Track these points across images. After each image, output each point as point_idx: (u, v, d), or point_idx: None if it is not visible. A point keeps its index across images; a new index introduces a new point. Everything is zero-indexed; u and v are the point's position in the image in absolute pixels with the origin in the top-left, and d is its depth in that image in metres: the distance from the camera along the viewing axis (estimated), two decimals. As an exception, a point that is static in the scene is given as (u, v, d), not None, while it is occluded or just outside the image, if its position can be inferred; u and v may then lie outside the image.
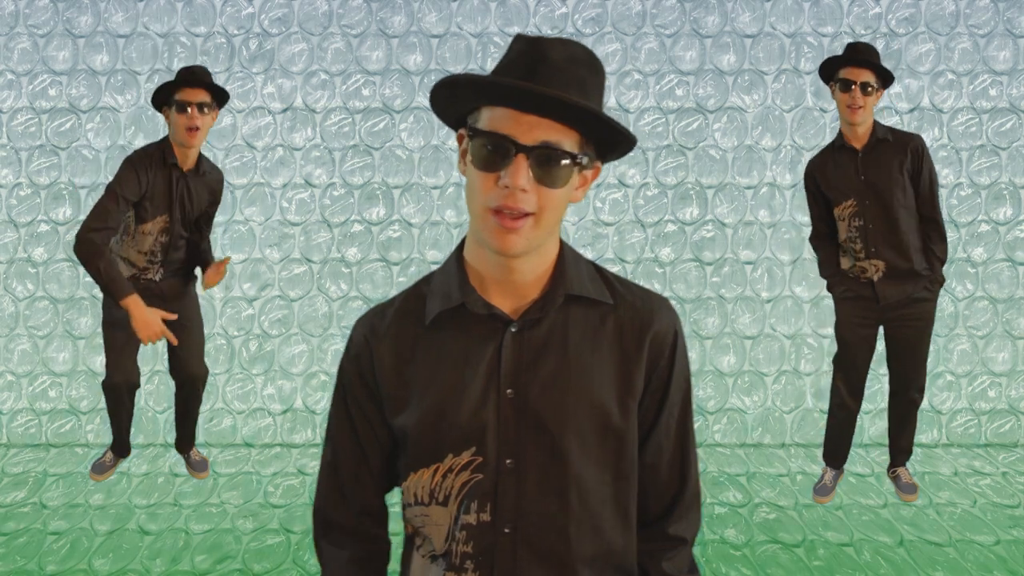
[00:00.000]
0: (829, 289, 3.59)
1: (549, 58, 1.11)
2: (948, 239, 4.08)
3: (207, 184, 3.56)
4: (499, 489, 1.17)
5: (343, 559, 1.28)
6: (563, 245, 1.23)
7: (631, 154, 4.46)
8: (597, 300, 1.22)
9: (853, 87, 3.26)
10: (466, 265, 1.22)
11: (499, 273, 1.18)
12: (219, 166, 3.72)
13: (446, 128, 3.64)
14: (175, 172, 3.42)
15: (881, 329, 3.56)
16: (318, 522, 1.32)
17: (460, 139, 1.20)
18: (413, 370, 1.21)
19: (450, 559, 1.20)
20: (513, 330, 1.19)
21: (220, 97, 3.40)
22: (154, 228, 3.45)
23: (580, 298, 1.21)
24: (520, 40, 1.15)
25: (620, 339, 1.21)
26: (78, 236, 3.26)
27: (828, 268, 3.56)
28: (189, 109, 3.30)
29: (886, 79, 3.31)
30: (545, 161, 1.10)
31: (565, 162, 1.11)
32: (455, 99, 1.16)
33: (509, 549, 1.18)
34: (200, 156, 3.51)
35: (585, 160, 1.14)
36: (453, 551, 1.19)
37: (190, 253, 3.62)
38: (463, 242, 1.25)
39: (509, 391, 1.18)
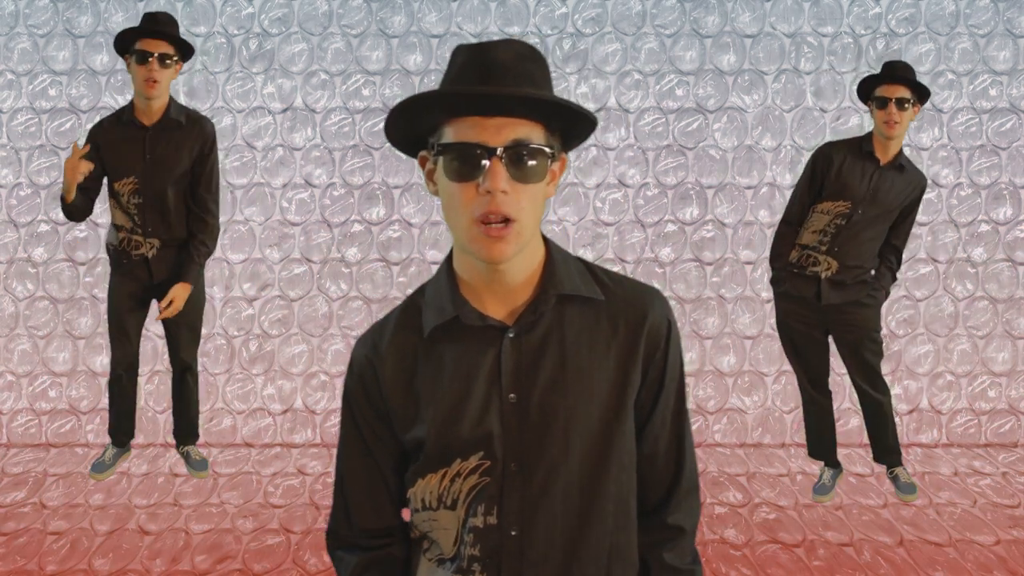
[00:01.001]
0: (773, 282, 3.64)
1: (497, 60, 1.12)
2: (947, 239, 4.13)
3: (183, 138, 3.33)
4: (505, 492, 1.18)
5: (354, 562, 1.28)
6: (550, 244, 1.24)
7: (631, 154, 4.46)
8: (589, 298, 1.22)
9: (889, 103, 3.32)
10: (456, 276, 1.22)
11: (488, 279, 1.19)
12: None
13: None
14: (138, 128, 3.29)
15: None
16: (331, 541, 1.32)
17: (423, 161, 1.20)
18: (417, 384, 1.22)
19: (458, 562, 1.20)
20: (510, 336, 1.19)
21: (185, 50, 3.27)
22: (123, 189, 3.35)
23: (573, 297, 1.22)
24: (462, 50, 1.16)
25: (615, 335, 1.22)
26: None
27: (782, 260, 3.58)
28: (149, 60, 3.17)
29: (922, 94, 3.37)
30: (519, 159, 1.11)
31: (538, 155, 1.12)
32: (413, 122, 1.16)
33: (516, 551, 1.18)
34: (173, 108, 3.33)
35: (554, 151, 1.15)
36: (461, 554, 1.20)
37: (182, 225, 3.44)
38: (452, 253, 1.25)
39: (512, 396, 1.18)
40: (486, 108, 1.10)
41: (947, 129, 4.48)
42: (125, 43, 3.25)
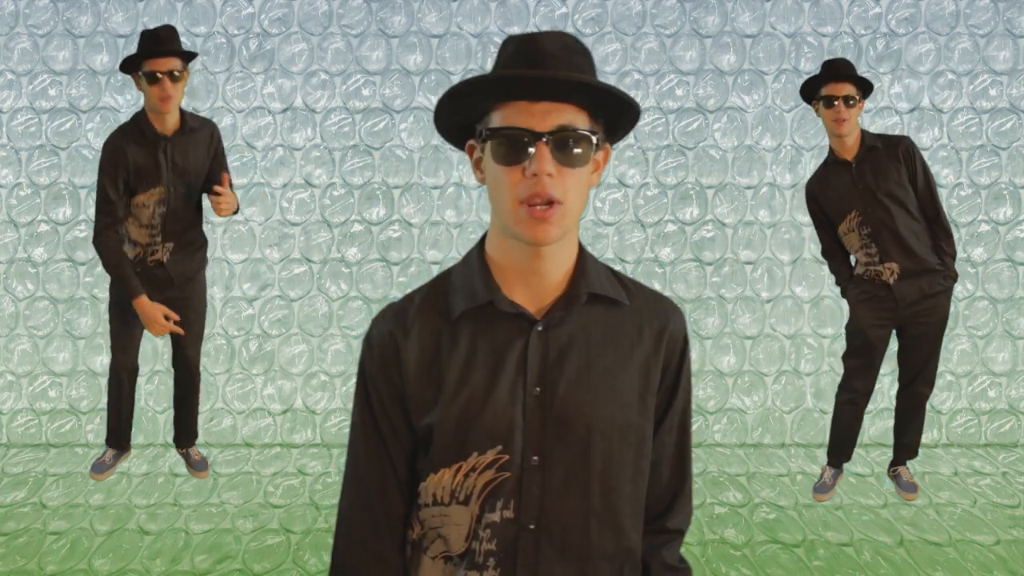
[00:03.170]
0: (844, 295, 3.62)
1: (546, 49, 1.15)
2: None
3: (198, 141, 3.44)
4: (523, 486, 1.18)
5: None
6: (582, 246, 1.26)
7: (631, 154, 4.46)
8: (615, 300, 1.24)
9: (836, 102, 3.34)
10: (489, 262, 1.23)
11: (526, 266, 1.20)
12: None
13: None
14: (158, 139, 3.35)
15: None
16: (341, 538, 1.28)
17: (471, 150, 1.23)
18: (439, 367, 1.21)
19: (472, 558, 1.20)
20: (539, 329, 1.20)
21: (189, 57, 3.32)
22: (149, 200, 3.39)
23: (600, 297, 1.23)
24: (512, 40, 1.19)
25: (640, 340, 1.24)
26: (93, 238, 3.39)
27: (842, 277, 3.59)
28: (160, 79, 3.22)
29: (866, 89, 3.38)
30: (565, 144, 1.13)
31: (583, 141, 1.14)
32: (463, 107, 1.18)
33: (532, 545, 1.19)
34: (184, 114, 3.41)
35: (598, 138, 1.17)
36: (476, 550, 1.20)
37: (196, 228, 3.54)
38: (483, 240, 1.26)
39: (537, 389, 1.19)
40: (533, 93, 1.13)
41: (947, 129, 4.48)
42: (132, 63, 3.27)
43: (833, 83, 3.35)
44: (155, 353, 4.28)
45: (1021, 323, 4.49)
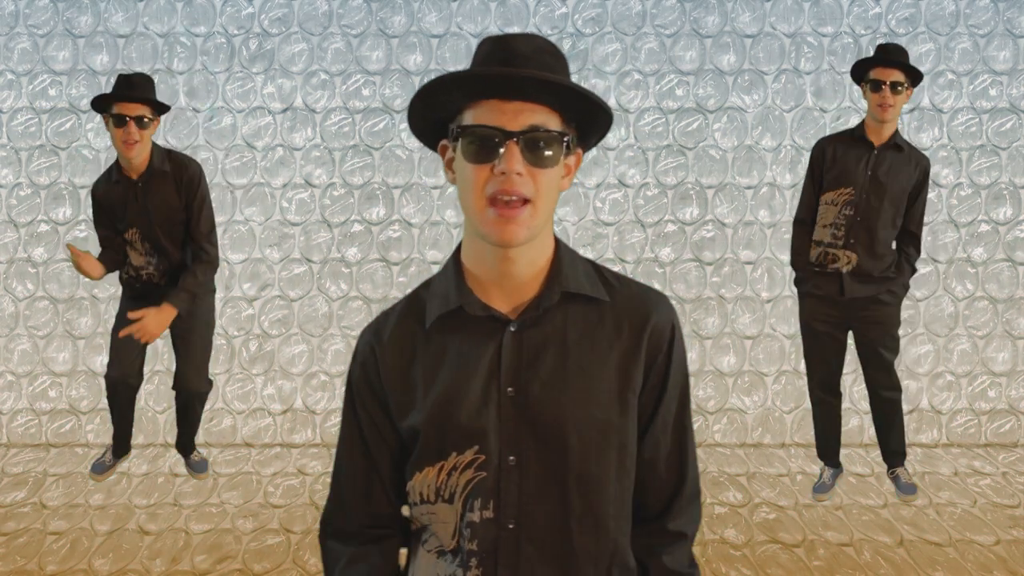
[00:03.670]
0: (796, 282, 3.65)
1: (518, 50, 1.15)
2: (947, 239, 4.12)
3: (168, 184, 3.37)
4: (501, 486, 1.18)
5: (343, 555, 1.28)
6: (559, 243, 1.25)
7: (631, 154, 4.46)
8: (595, 298, 1.23)
9: (883, 87, 3.35)
10: (463, 268, 1.24)
11: (497, 269, 1.20)
12: (199, 161, 3.52)
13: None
14: (129, 183, 3.36)
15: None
16: (324, 529, 1.32)
17: (443, 150, 1.23)
18: (416, 372, 1.22)
19: (460, 555, 1.21)
20: (512, 330, 1.20)
21: (162, 109, 3.32)
22: (133, 237, 3.45)
23: (578, 296, 1.22)
24: (486, 41, 1.19)
25: (618, 335, 1.22)
26: None
27: (801, 259, 3.60)
28: (127, 123, 3.22)
29: (915, 78, 3.39)
30: (535, 144, 1.13)
31: (554, 142, 1.14)
32: (436, 105, 1.18)
33: (512, 545, 1.19)
34: (156, 156, 3.37)
35: (570, 140, 1.17)
36: (461, 547, 1.20)
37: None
38: (460, 246, 1.26)
39: (510, 389, 1.19)
40: (505, 92, 1.13)
41: (947, 129, 4.48)
42: (101, 103, 3.26)
43: (882, 68, 3.35)
44: (155, 353, 4.28)
45: (1021, 323, 4.49)
